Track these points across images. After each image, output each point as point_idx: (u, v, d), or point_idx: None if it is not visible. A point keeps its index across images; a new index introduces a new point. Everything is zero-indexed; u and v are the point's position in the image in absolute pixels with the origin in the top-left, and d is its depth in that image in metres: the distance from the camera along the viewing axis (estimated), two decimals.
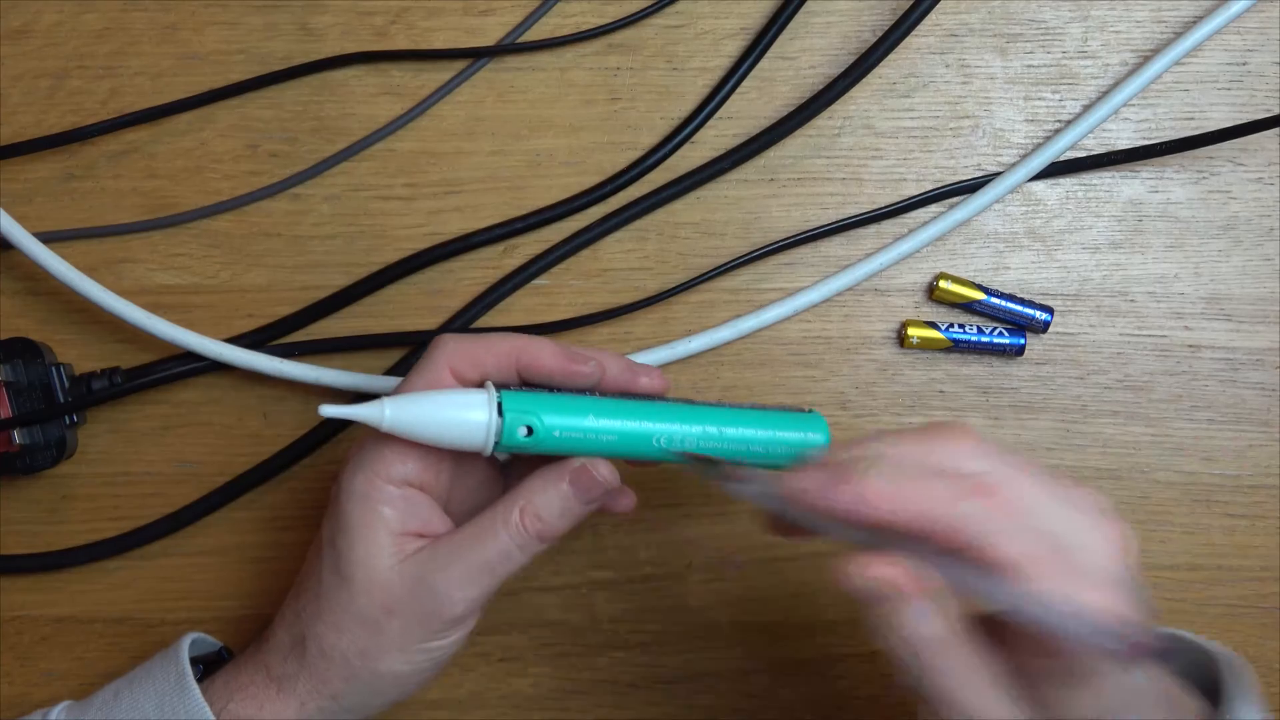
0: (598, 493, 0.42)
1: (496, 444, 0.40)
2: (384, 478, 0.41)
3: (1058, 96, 0.52)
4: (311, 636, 0.42)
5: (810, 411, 0.44)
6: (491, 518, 0.41)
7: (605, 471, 0.42)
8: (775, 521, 0.42)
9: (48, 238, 0.50)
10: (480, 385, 0.41)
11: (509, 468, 0.46)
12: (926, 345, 0.51)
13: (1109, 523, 0.35)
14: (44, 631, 0.52)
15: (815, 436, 0.43)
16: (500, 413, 0.40)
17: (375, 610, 0.41)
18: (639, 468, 0.47)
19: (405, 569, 0.41)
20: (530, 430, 0.40)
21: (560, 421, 0.40)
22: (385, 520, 0.41)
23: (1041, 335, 0.51)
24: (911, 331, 0.51)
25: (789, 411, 0.44)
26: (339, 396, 0.51)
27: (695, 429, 0.42)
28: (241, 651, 0.45)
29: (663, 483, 0.52)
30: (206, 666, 0.45)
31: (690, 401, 0.43)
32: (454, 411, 0.40)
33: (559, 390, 0.42)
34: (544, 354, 0.42)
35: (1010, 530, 0.34)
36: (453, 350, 0.41)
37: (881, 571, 0.34)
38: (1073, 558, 0.34)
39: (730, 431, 0.42)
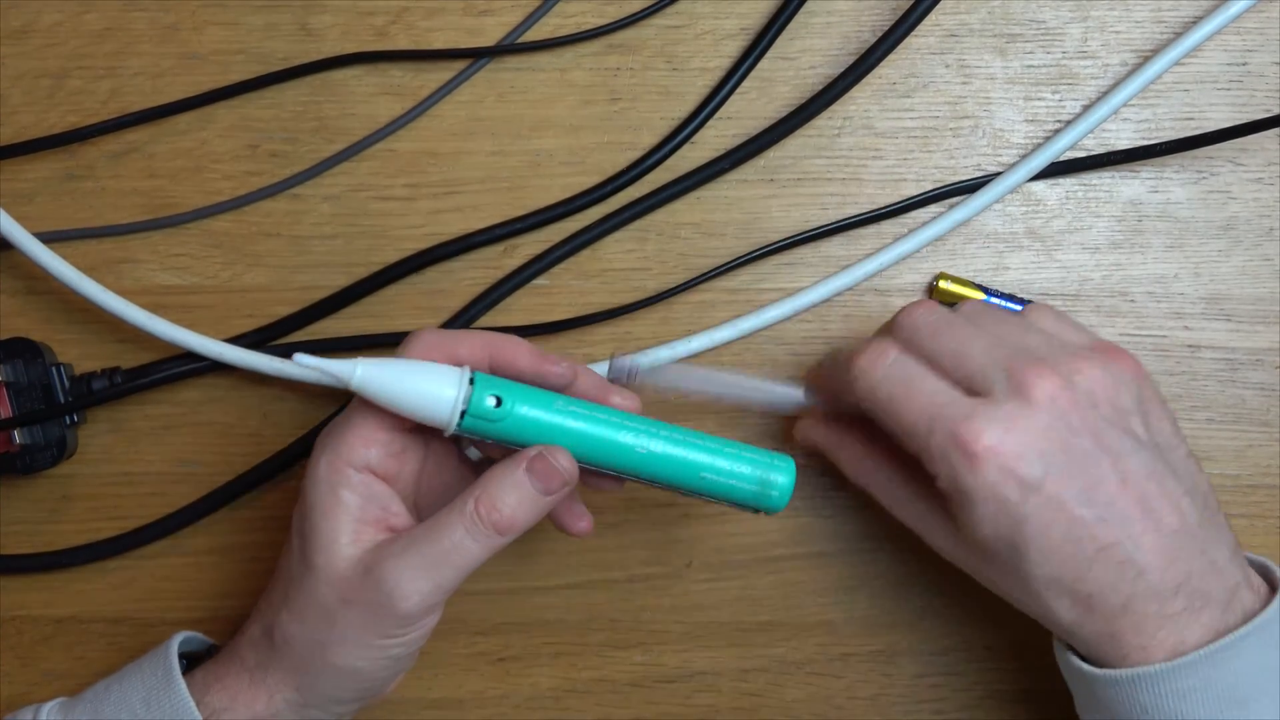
0: (556, 483, 0.41)
1: (463, 414, 0.40)
2: (346, 460, 0.41)
3: (1058, 96, 0.52)
4: (276, 625, 0.42)
5: (784, 456, 0.43)
6: (448, 510, 0.41)
7: (564, 461, 0.41)
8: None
9: (48, 238, 0.50)
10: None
11: (481, 467, 0.46)
12: None
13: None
14: (44, 631, 0.52)
15: (780, 479, 0.43)
16: (471, 383, 0.41)
17: (333, 600, 0.41)
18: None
19: (362, 559, 0.41)
20: (499, 401, 0.41)
21: (528, 401, 0.41)
22: (346, 505, 0.41)
23: None
24: None
25: (762, 454, 0.43)
26: (339, 396, 0.51)
27: (659, 442, 0.42)
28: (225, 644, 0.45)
29: None
30: (195, 661, 0.45)
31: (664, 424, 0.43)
32: (425, 378, 0.40)
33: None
34: (518, 351, 0.42)
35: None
36: (427, 341, 0.42)
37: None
38: None
39: (693, 456, 0.42)
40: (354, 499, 0.41)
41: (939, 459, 0.40)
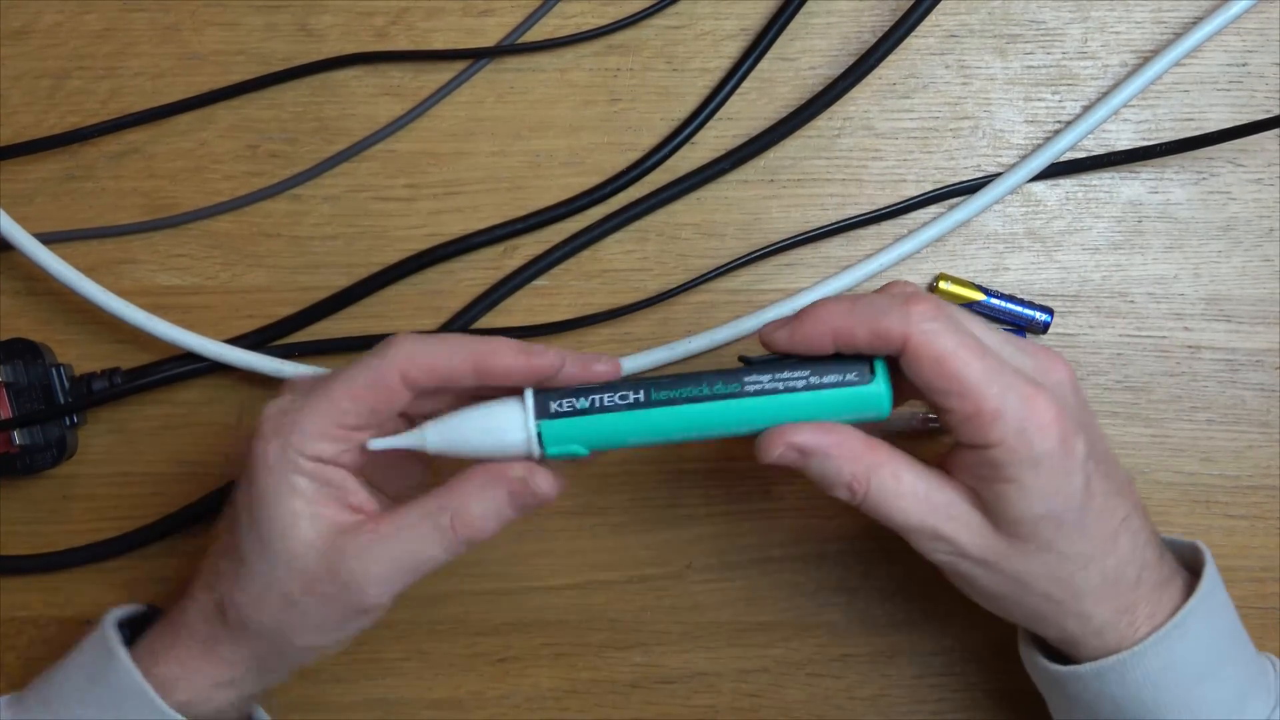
0: (533, 505, 0.41)
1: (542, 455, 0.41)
2: (297, 450, 0.40)
3: (1057, 97, 0.52)
4: (231, 605, 0.42)
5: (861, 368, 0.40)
6: (421, 515, 0.40)
7: (545, 487, 0.40)
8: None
9: (48, 238, 0.50)
10: (436, 394, 0.41)
11: None
12: None
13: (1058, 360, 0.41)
14: (44, 631, 0.52)
15: (877, 390, 0.40)
16: (541, 443, 0.40)
17: (294, 587, 0.40)
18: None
19: (325, 550, 0.40)
20: (574, 457, 0.41)
21: (605, 445, 0.41)
22: (301, 492, 0.40)
23: (1041, 336, 0.51)
24: None
25: (849, 389, 0.40)
26: None
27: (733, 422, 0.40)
28: (167, 611, 0.44)
29: (663, 482, 0.52)
30: (136, 626, 0.45)
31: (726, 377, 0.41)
32: (489, 427, 0.40)
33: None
34: (504, 357, 0.40)
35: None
36: (407, 355, 0.40)
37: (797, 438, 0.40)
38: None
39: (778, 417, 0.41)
40: (309, 485, 0.40)
41: (1009, 419, 0.38)
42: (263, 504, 0.40)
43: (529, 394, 0.40)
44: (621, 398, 0.40)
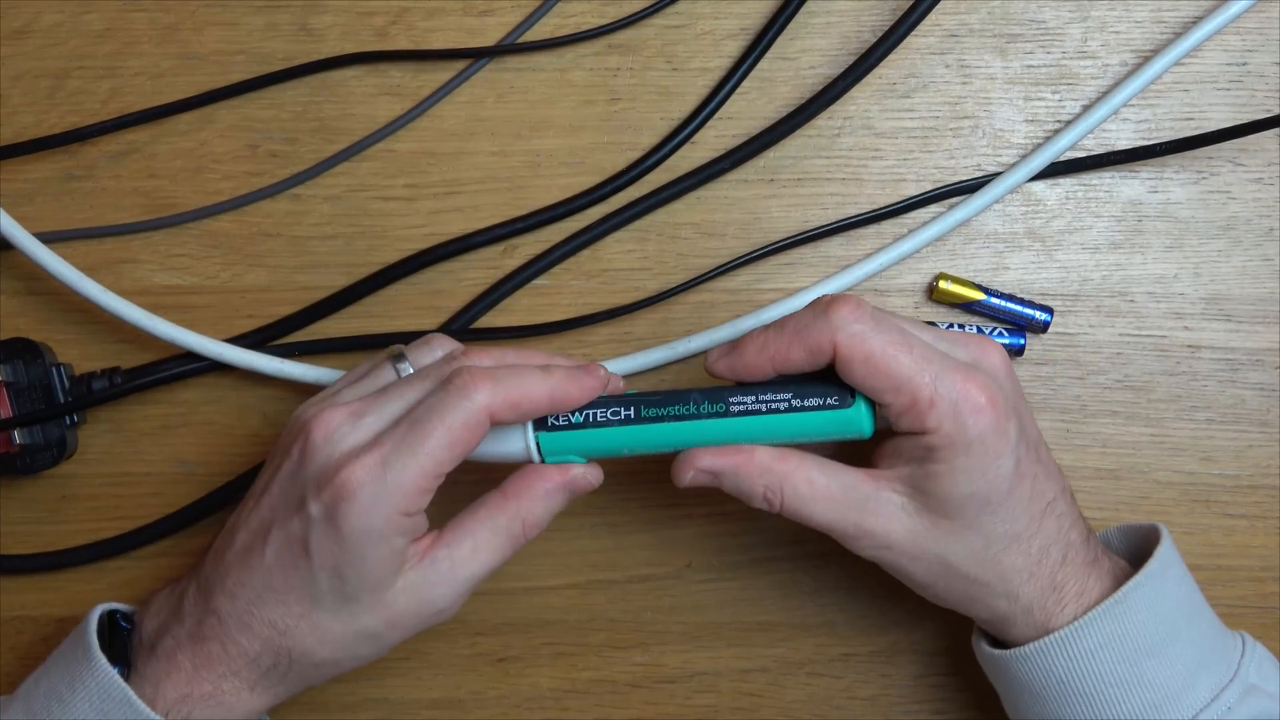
0: (585, 492, 0.43)
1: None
2: (402, 511, 0.40)
3: (1057, 97, 0.52)
4: (300, 653, 0.41)
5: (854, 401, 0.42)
6: (494, 529, 0.42)
7: (595, 475, 0.43)
8: None
9: (48, 238, 0.50)
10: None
11: None
12: None
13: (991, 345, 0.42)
14: (44, 631, 0.52)
15: (858, 416, 0.42)
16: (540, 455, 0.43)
17: (379, 626, 0.41)
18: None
19: (412, 587, 0.41)
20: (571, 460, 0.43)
21: (598, 454, 0.43)
22: (398, 551, 0.41)
23: (1041, 335, 0.51)
24: None
25: (829, 412, 0.42)
26: None
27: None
28: (177, 648, 0.42)
29: (663, 482, 0.52)
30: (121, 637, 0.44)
31: (715, 398, 0.43)
32: (500, 456, 0.43)
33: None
34: (574, 389, 0.42)
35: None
36: (491, 395, 0.40)
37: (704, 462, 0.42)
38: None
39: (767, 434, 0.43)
40: (404, 542, 0.41)
41: (943, 406, 0.40)
42: (358, 566, 0.40)
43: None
44: (613, 413, 0.43)
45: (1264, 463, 0.51)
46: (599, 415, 0.43)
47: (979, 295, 0.51)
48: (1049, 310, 0.51)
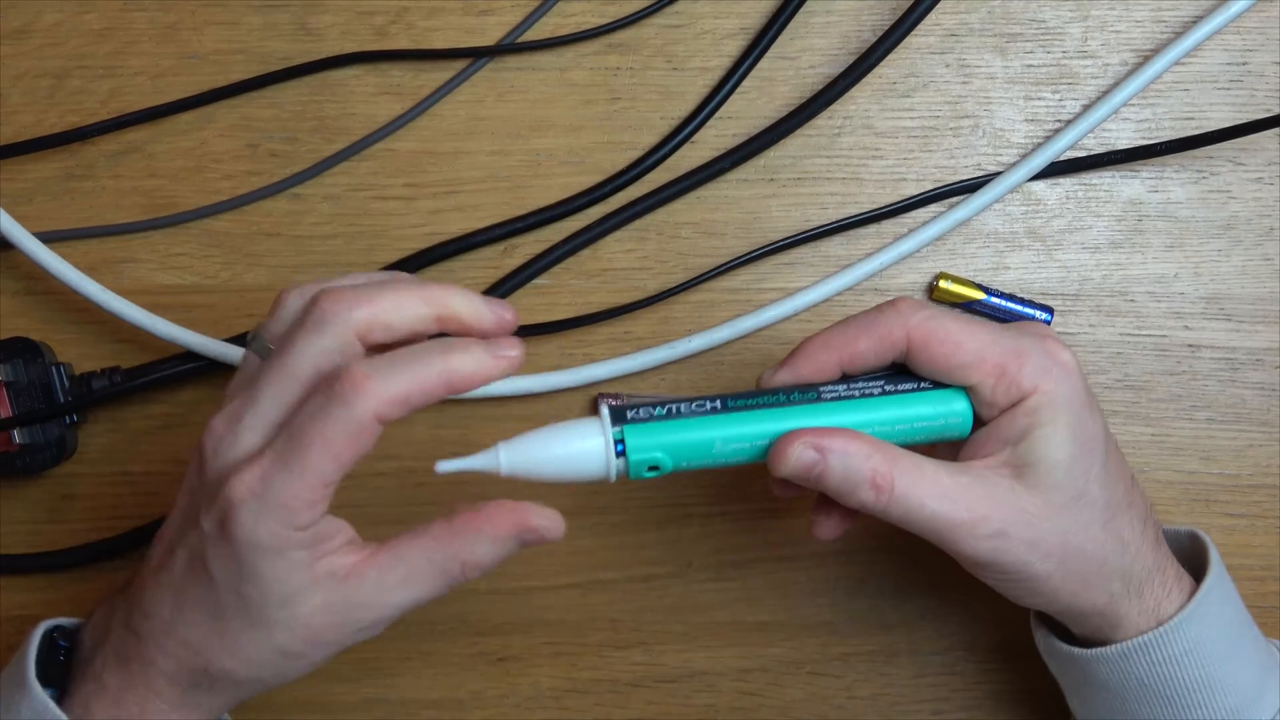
0: (538, 544, 0.39)
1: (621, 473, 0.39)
2: (287, 525, 0.36)
3: (1058, 96, 0.52)
4: (219, 673, 0.39)
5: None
6: (427, 562, 0.38)
7: (554, 528, 0.39)
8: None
9: (48, 238, 0.50)
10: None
11: None
12: None
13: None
14: None
15: (958, 407, 0.40)
16: (622, 451, 0.39)
17: (299, 645, 0.39)
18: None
19: (329, 606, 0.38)
20: (656, 467, 0.39)
21: (687, 455, 0.39)
22: (298, 563, 0.37)
23: None
24: None
25: (928, 393, 0.40)
26: None
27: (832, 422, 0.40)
28: (105, 669, 0.40)
29: (663, 482, 0.52)
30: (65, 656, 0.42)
31: (807, 391, 0.40)
32: (572, 458, 0.38)
33: None
34: (468, 370, 0.37)
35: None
36: (379, 399, 0.36)
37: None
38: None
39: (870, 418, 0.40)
40: (304, 555, 0.37)
41: (1035, 363, 0.39)
42: (257, 582, 0.37)
43: (604, 408, 0.39)
44: (699, 405, 0.39)
45: (1264, 462, 0.51)
46: (682, 407, 0.39)
47: (979, 295, 0.51)
48: (1049, 310, 0.51)
